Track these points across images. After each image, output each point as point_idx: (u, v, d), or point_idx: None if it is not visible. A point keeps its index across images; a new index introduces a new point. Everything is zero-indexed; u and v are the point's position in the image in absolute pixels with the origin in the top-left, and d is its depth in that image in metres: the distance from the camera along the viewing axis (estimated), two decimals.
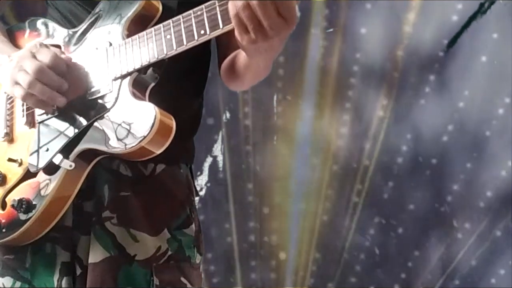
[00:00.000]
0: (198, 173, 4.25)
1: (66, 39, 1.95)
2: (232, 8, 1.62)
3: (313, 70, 4.30)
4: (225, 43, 1.99)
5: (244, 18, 1.60)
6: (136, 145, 1.74)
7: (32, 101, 1.84)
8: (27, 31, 2.04)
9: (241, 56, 1.86)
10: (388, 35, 4.25)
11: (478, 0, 4.17)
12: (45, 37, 1.99)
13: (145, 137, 1.73)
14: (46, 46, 1.87)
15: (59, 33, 1.98)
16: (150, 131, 1.73)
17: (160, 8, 1.87)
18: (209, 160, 4.32)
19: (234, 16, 1.62)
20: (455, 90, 4.25)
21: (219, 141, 4.32)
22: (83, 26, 1.94)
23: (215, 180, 4.33)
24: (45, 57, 1.82)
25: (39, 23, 2.02)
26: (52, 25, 2.00)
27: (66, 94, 1.85)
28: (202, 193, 4.25)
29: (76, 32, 1.95)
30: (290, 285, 4.37)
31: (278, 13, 1.59)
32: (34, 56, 1.82)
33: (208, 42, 1.97)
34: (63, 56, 1.87)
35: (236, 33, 1.64)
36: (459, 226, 4.26)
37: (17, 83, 1.83)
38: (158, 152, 1.78)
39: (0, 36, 2.01)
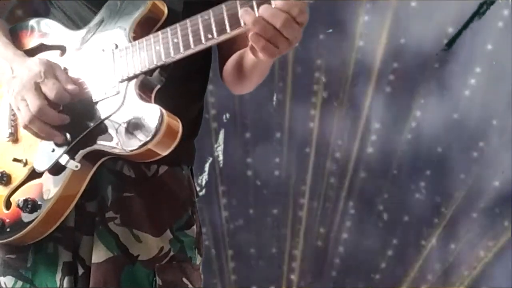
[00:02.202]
0: (198, 173, 4.26)
1: (71, 40, 1.95)
2: (258, 40, 1.65)
3: (313, 70, 4.31)
4: (227, 46, 2.00)
5: (276, 43, 1.65)
6: (143, 147, 1.75)
7: (31, 133, 1.85)
8: (30, 31, 2.03)
9: (248, 57, 1.86)
10: (388, 35, 4.26)
11: (478, 0, 4.18)
12: (49, 38, 1.98)
13: (152, 139, 1.74)
14: (52, 71, 1.84)
15: (64, 34, 1.97)
16: (157, 133, 1.73)
17: (166, 10, 1.87)
18: (209, 160, 4.32)
19: (264, 48, 1.66)
20: (455, 90, 4.26)
21: (219, 141, 4.32)
22: (88, 27, 1.93)
23: (215, 180, 4.33)
24: (49, 91, 1.81)
25: (43, 23, 2.01)
26: (55, 25, 1.99)
27: (71, 98, 1.85)
28: (202, 193, 4.25)
29: (81, 33, 1.94)
30: (290, 285, 4.37)
31: (298, 23, 1.64)
32: (38, 88, 1.81)
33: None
34: (69, 87, 1.84)
35: (265, 55, 1.69)
36: (459, 226, 4.27)
37: (19, 109, 1.83)
38: (164, 154, 1.79)
39: (3, 38, 1.99)
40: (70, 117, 1.85)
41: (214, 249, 4.31)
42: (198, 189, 2.12)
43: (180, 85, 1.93)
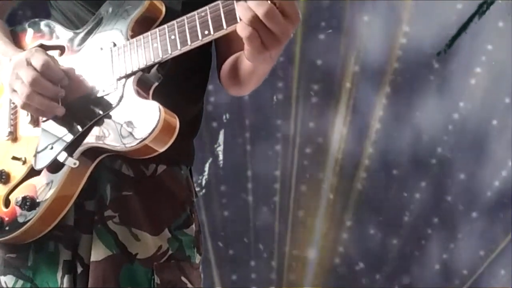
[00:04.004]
0: (198, 173, 4.26)
1: (70, 40, 1.96)
2: (243, 28, 1.64)
3: (313, 70, 4.31)
4: (224, 47, 2.01)
5: (260, 33, 1.63)
6: (140, 143, 1.75)
7: (31, 110, 1.85)
8: (30, 32, 2.04)
9: (245, 62, 1.87)
10: (388, 35, 4.26)
11: (478, 0, 4.18)
12: (49, 38, 2.00)
13: (149, 135, 1.74)
14: (42, 50, 1.86)
15: (63, 34, 1.98)
16: (154, 129, 1.74)
17: (163, 10, 1.89)
18: (209, 160, 4.32)
19: (248, 37, 1.64)
20: (455, 90, 4.26)
21: (219, 141, 4.33)
22: (87, 27, 1.95)
23: (215, 180, 4.33)
24: (38, 62, 1.82)
25: (42, 24, 2.03)
26: (55, 26, 2.00)
27: (69, 95, 1.86)
28: (202, 193, 4.26)
29: (79, 33, 1.96)
30: (289, 285, 4.37)
31: (284, 16, 1.62)
32: (29, 63, 1.82)
33: (209, 46, 1.98)
34: (61, 66, 1.86)
35: (250, 48, 1.67)
36: (459, 226, 4.27)
37: (14, 91, 1.84)
38: (162, 150, 1.79)
39: (4, 37, 2.00)
40: (68, 114, 1.85)
41: (213, 249, 4.31)
42: (198, 189, 2.12)
43: (179, 86, 1.95)
